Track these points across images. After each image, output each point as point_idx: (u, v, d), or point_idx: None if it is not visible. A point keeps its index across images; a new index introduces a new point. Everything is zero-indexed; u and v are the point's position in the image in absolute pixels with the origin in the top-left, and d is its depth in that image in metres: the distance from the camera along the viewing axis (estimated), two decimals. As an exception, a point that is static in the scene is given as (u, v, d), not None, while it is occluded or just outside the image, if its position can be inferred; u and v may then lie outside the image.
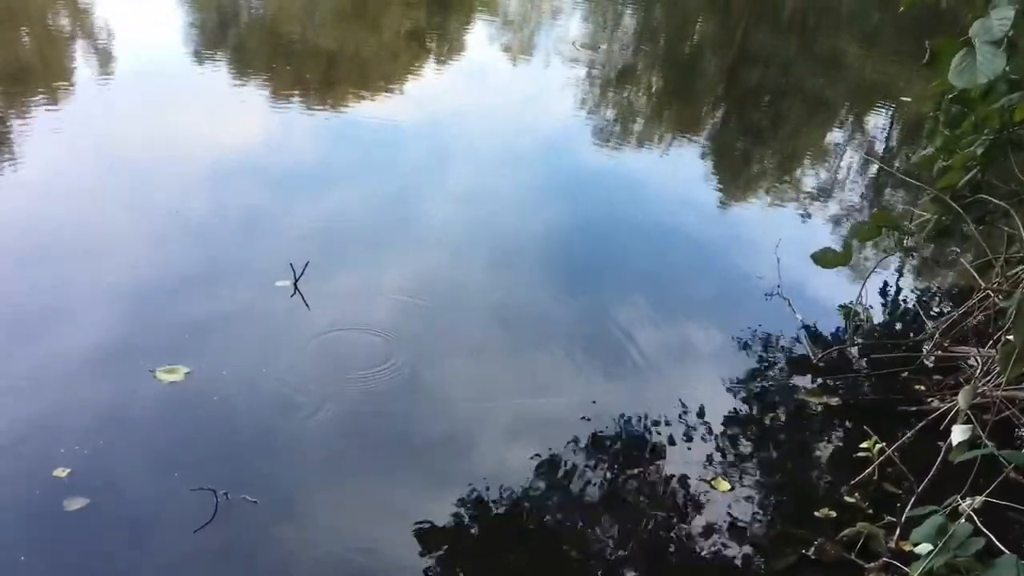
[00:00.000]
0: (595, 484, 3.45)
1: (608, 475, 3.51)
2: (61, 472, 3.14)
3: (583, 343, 4.41)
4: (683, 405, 4.00)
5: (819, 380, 4.35)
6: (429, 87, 8.81)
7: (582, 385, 4.06)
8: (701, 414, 3.96)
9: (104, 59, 8.46)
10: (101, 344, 3.92)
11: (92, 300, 4.30)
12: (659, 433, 3.79)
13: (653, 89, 10.22)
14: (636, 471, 3.55)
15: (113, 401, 3.59)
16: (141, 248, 4.86)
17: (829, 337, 4.77)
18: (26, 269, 4.53)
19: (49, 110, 6.80)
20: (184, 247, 4.93)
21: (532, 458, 3.55)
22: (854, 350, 4.62)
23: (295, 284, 4.50)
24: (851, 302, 4.77)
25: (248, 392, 3.72)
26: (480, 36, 11.28)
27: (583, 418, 3.81)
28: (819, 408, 4.13)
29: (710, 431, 3.86)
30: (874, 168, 7.75)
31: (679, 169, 7.36)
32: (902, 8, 4.07)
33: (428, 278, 4.80)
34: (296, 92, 7.86)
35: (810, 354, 4.51)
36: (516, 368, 4.14)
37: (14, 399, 3.53)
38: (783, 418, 4.10)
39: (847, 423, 4.04)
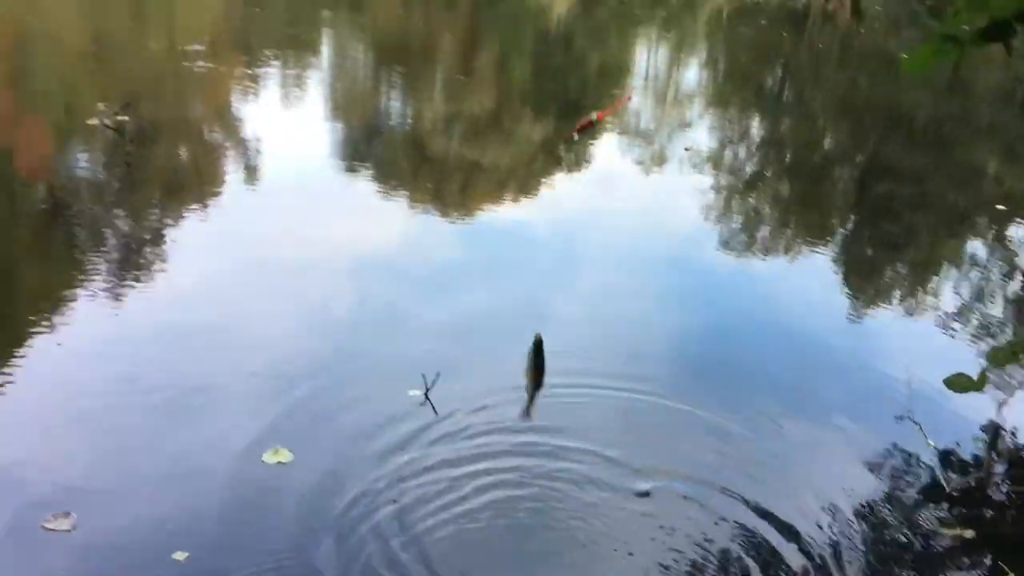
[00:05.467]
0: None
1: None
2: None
3: (706, 444, 4.43)
4: (802, 526, 3.89)
5: (954, 510, 4.14)
6: (560, 195, 9.11)
7: (701, 485, 4.06)
8: (822, 537, 3.84)
9: (254, 169, 9.16)
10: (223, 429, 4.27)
11: (225, 390, 4.67)
12: (773, 556, 3.69)
13: (783, 197, 10.20)
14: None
15: (224, 478, 3.92)
16: (278, 344, 5.21)
17: (965, 463, 4.55)
18: (170, 358, 4.94)
19: (204, 214, 7.37)
20: (322, 348, 5.25)
21: (649, 552, 3.54)
22: (994, 478, 4.39)
23: (426, 394, 4.69)
24: (990, 425, 4.56)
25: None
26: (608, 146, 11.62)
27: (716, 521, 3.82)
28: (952, 540, 3.92)
29: (833, 557, 3.73)
30: (1015, 286, 7.41)
31: (808, 278, 7.29)
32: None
33: (558, 381, 4.88)
34: (434, 200, 8.32)
35: (943, 481, 4.31)
36: (640, 465, 4.16)
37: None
38: (912, 549, 3.92)
39: (984, 558, 3.83)
